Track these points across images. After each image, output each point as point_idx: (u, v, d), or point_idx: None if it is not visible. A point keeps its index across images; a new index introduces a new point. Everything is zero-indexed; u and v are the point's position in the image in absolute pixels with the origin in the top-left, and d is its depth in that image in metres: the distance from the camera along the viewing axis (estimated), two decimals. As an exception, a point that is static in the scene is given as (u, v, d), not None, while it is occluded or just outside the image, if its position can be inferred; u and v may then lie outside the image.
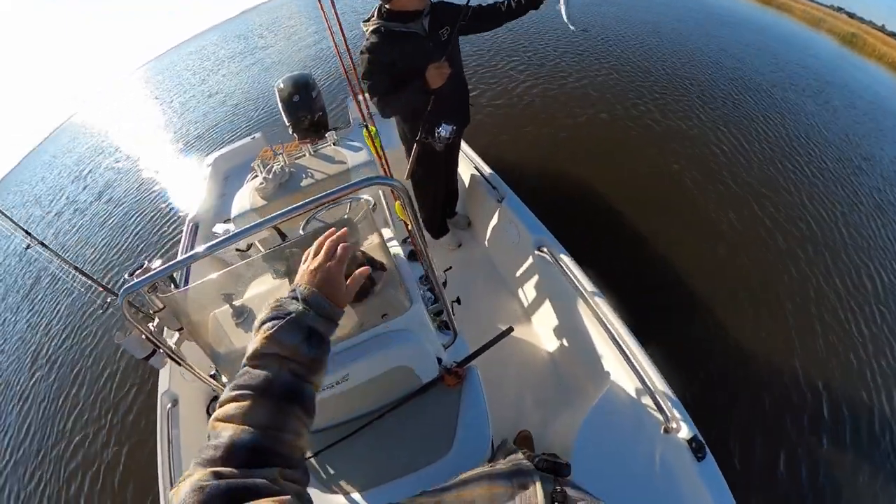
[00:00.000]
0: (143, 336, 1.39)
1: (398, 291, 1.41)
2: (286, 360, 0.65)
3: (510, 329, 1.79)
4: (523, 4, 2.23)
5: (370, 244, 1.33)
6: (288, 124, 3.87)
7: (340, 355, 1.41)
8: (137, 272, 1.47)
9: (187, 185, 7.48)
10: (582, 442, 1.69)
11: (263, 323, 0.68)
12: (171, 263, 1.20)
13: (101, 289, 1.58)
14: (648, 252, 3.75)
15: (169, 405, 2.26)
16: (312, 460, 1.55)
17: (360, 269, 0.83)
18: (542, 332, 2.55)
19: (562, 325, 2.32)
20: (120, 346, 1.46)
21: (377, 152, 1.91)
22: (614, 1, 13.68)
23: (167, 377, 2.35)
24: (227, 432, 0.55)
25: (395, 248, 1.72)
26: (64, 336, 5.38)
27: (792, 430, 2.68)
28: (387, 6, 2.12)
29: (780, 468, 2.51)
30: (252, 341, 0.67)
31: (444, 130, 2.27)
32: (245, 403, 0.59)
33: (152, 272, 1.22)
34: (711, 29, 12.05)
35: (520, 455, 0.93)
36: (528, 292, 2.51)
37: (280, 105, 3.82)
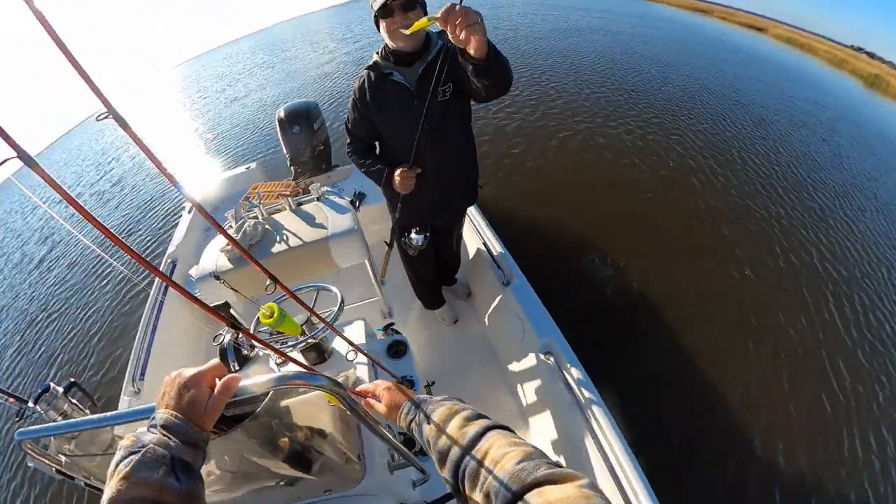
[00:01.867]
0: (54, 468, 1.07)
1: (348, 464, 1.06)
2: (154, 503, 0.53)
3: None
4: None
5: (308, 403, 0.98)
6: (287, 156, 3.63)
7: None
8: (42, 398, 1.16)
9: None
10: None
11: (118, 464, 0.55)
12: (70, 422, 0.90)
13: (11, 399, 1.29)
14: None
15: None
16: None
17: (222, 385, 0.68)
18: (538, 443, 2.15)
19: (559, 442, 1.95)
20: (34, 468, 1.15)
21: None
22: (640, 38, 13.65)
23: None
24: None
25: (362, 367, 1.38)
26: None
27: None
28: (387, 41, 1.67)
29: None
30: (106, 490, 0.53)
31: (415, 239, 1.90)
32: None
33: (49, 426, 0.91)
34: (729, 66, 12.01)
35: None
36: (527, 394, 2.13)
37: (279, 135, 3.57)
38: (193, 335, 2.88)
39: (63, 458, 1.04)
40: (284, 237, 1.97)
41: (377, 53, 1.73)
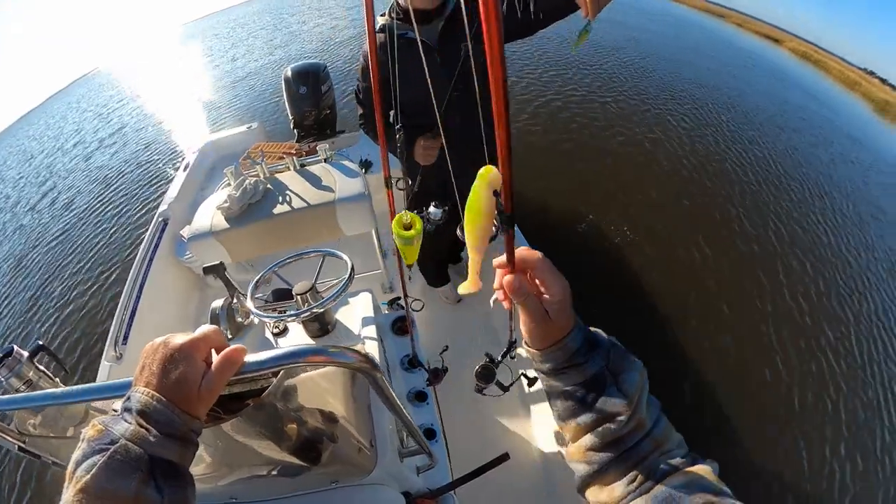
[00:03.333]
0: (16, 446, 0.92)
1: (357, 452, 0.94)
2: None
3: (505, 456, 1.36)
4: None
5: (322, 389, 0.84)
6: (290, 118, 3.45)
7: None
8: (3, 363, 1.00)
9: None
10: None
11: (77, 465, 0.41)
12: (31, 395, 0.74)
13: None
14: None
15: None
16: None
17: (223, 358, 0.51)
18: (540, 433, 2.08)
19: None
20: None
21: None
22: (648, 31, 13.47)
23: None
24: None
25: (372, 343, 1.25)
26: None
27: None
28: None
29: None
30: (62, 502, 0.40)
31: (434, 213, 1.79)
32: None
33: (4, 399, 0.75)
34: (735, 69, 12.00)
35: None
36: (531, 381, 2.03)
37: (285, 95, 3.39)
38: (182, 298, 2.74)
39: (34, 422, 0.90)
40: (287, 198, 1.82)
41: (383, 17, 1.59)
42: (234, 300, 1.44)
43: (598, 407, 0.47)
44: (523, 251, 0.50)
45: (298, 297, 1.27)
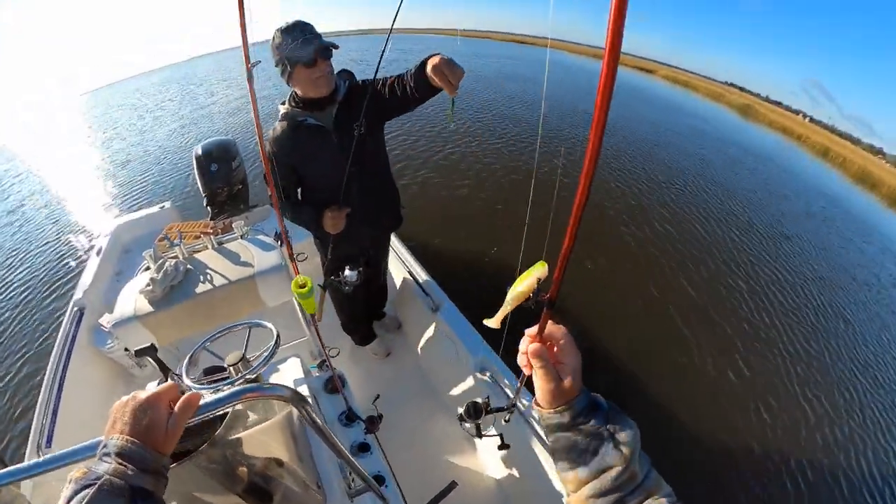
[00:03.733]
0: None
1: (305, 491, 1.07)
2: None
3: (453, 484, 1.53)
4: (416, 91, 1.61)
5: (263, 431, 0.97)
6: (203, 195, 3.49)
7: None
8: None
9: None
10: None
11: (69, 501, 0.50)
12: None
13: None
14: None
15: None
16: None
17: (183, 403, 0.64)
18: (487, 459, 2.19)
19: (510, 455, 2.02)
20: None
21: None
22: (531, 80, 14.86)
23: None
24: None
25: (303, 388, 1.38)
26: None
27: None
28: (295, 90, 1.75)
29: None
30: None
31: (349, 276, 1.94)
32: None
33: None
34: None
35: None
36: (471, 418, 2.20)
37: (196, 173, 3.43)
38: (107, 389, 2.65)
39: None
40: (208, 277, 1.93)
41: (283, 105, 1.79)
42: (169, 380, 1.51)
43: (598, 460, 0.55)
44: (551, 326, 0.61)
45: (231, 367, 1.38)
